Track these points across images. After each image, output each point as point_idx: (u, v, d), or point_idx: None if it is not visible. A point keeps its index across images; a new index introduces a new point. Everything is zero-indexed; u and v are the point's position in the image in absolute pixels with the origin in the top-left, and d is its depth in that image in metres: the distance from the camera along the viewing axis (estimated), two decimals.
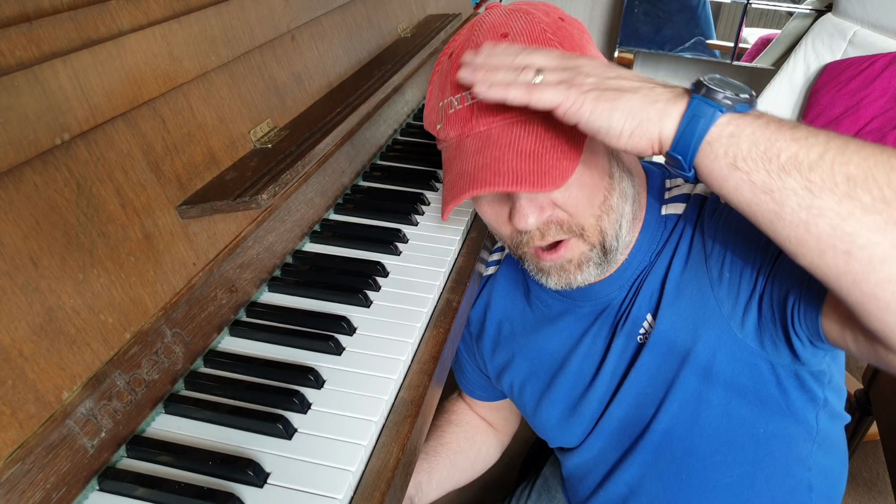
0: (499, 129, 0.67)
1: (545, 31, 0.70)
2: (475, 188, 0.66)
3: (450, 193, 0.70)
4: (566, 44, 0.70)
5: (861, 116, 1.69)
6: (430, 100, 0.76)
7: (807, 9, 1.98)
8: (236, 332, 0.79)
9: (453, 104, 0.69)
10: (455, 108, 0.69)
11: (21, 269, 0.56)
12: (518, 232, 0.74)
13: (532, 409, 0.92)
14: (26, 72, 0.57)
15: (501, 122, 0.67)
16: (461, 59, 0.67)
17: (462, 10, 1.70)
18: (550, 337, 0.88)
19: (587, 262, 0.74)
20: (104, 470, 0.62)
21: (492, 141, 0.67)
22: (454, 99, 0.69)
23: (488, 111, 0.67)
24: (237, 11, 0.86)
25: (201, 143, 0.79)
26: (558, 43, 0.69)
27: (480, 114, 0.68)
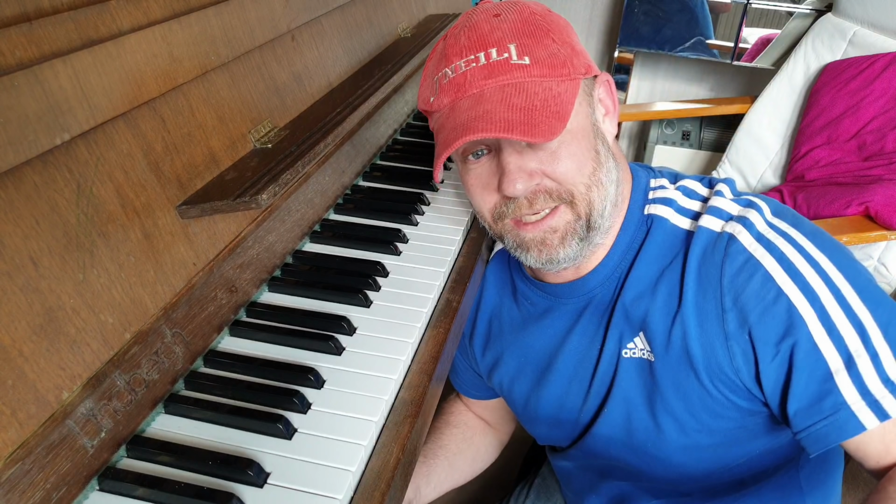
0: (491, 90, 0.70)
1: (534, 15, 0.73)
2: (467, 135, 0.67)
3: (442, 146, 0.72)
4: (554, 29, 0.73)
5: (861, 116, 1.69)
6: (423, 80, 0.78)
7: (807, 9, 1.97)
8: (236, 332, 0.79)
9: (447, 74, 0.72)
10: (449, 77, 0.72)
11: (21, 269, 0.56)
12: (504, 201, 0.74)
13: (521, 407, 0.92)
14: (26, 72, 0.57)
15: (494, 83, 0.70)
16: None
17: (462, 10, 1.70)
18: (536, 335, 0.88)
19: (571, 235, 0.74)
20: (104, 470, 0.62)
21: (484, 98, 0.70)
22: (448, 69, 0.72)
23: (481, 75, 0.70)
24: (237, 11, 0.86)
25: (201, 143, 0.79)
26: (547, 27, 0.72)
27: (473, 78, 0.70)
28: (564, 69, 0.71)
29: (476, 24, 0.72)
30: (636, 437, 0.81)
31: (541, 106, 0.68)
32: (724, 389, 0.72)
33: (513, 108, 0.68)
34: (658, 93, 2.50)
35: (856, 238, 1.44)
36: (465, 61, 0.71)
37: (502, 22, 0.72)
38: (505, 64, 0.70)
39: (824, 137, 1.75)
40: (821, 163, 1.74)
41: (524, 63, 0.69)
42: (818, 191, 1.66)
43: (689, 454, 0.79)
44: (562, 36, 0.73)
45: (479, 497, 1.39)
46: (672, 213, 0.78)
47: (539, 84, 0.70)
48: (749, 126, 1.98)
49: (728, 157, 2.02)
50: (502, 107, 0.68)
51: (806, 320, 0.66)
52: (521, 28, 0.71)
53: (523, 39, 0.70)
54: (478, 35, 0.71)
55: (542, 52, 0.70)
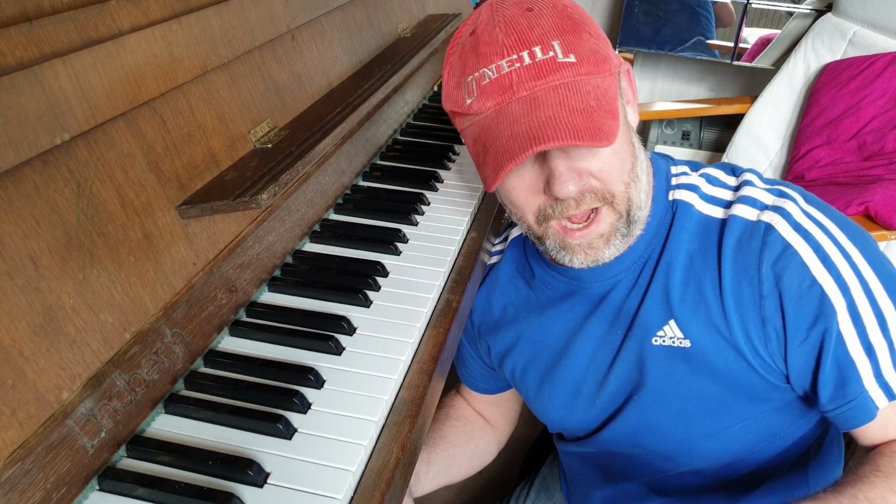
0: (544, 92, 0.68)
1: (567, 8, 0.70)
2: (537, 144, 0.66)
3: (505, 156, 0.69)
4: (587, 22, 0.71)
5: (861, 116, 1.69)
6: (449, 78, 0.75)
7: (807, 9, 1.97)
8: (236, 332, 0.79)
9: (487, 74, 0.69)
10: (490, 77, 0.69)
11: (21, 269, 0.56)
12: (551, 203, 0.73)
13: (534, 393, 0.92)
14: (26, 72, 0.57)
15: (545, 84, 0.68)
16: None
17: (462, 10, 1.70)
18: (555, 319, 0.88)
19: (615, 234, 0.75)
20: (104, 470, 0.62)
21: (540, 101, 0.67)
22: (487, 70, 0.69)
23: (529, 76, 0.68)
24: (237, 11, 0.86)
25: (201, 143, 0.79)
26: (581, 21, 0.70)
27: (521, 80, 0.68)
28: (606, 64, 0.70)
29: (511, 19, 0.69)
30: (663, 423, 0.81)
31: (596, 106, 0.67)
32: (763, 372, 0.75)
33: (574, 112, 0.66)
34: (658, 93, 2.51)
35: None
36: (507, 61, 0.68)
37: (539, 17, 0.69)
38: (552, 63, 0.67)
39: (824, 137, 1.75)
40: (821, 163, 1.74)
41: (571, 61, 0.67)
42: (818, 191, 1.66)
43: (714, 441, 0.80)
44: (595, 29, 0.72)
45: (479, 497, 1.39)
46: (697, 200, 0.79)
47: (588, 82, 0.69)
48: (749, 126, 1.98)
49: (728, 158, 2.02)
50: (564, 110, 0.67)
51: (836, 309, 0.70)
52: (560, 24, 0.69)
53: (565, 36, 0.68)
54: (517, 32, 0.68)
55: (584, 47, 0.69)
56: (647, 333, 0.79)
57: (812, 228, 0.73)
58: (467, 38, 0.72)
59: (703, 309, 0.75)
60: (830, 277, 0.70)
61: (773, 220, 0.73)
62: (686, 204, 0.79)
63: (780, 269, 0.71)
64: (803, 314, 0.70)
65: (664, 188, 0.80)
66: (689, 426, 0.80)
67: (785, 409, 0.79)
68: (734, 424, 0.79)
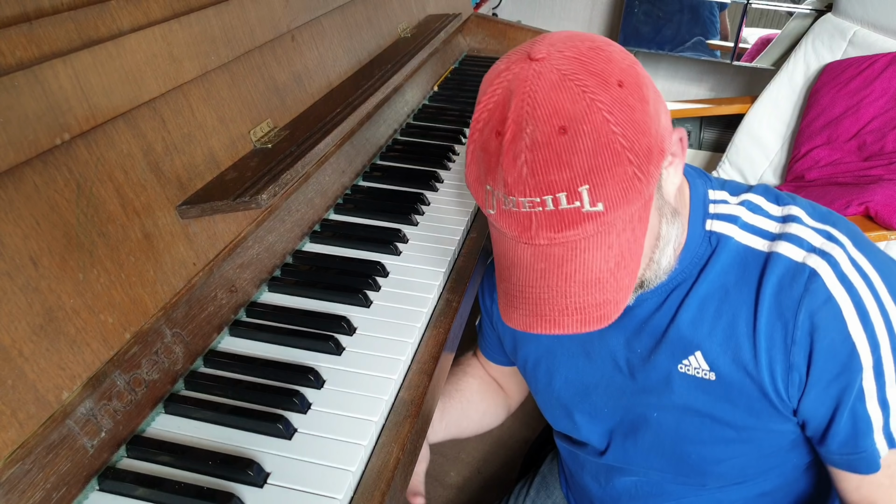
0: (562, 251, 0.62)
1: (607, 124, 0.58)
2: (539, 326, 0.64)
3: (507, 305, 0.66)
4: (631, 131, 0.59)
5: (861, 116, 1.69)
6: (472, 162, 0.66)
7: (807, 9, 1.97)
8: (236, 332, 0.79)
9: (505, 200, 0.62)
10: (508, 206, 0.62)
11: (21, 269, 0.56)
12: None
13: (543, 387, 0.91)
14: (26, 72, 0.57)
15: (564, 238, 0.62)
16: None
17: (462, 10, 1.70)
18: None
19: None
20: (104, 470, 0.62)
21: (553, 263, 0.63)
22: (507, 197, 0.62)
23: (548, 225, 0.61)
24: (237, 11, 0.86)
25: (201, 143, 0.79)
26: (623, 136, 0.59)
27: (540, 226, 0.61)
28: (641, 195, 0.61)
29: (539, 145, 0.59)
30: (675, 445, 0.81)
31: (615, 264, 0.62)
32: (782, 410, 0.74)
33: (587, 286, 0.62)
34: None
35: None
36: (528, 201, 0.60)
37: (573, 148, 0.58)
38: (576, 214, 0.60)
39: (824, 137, 1.75)
40: (821, 163, 1.74)
41: (598, 210, 0.60)
42: (818, 191, 1.66)
43: (724, 466, 0.80)
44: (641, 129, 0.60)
45: (480, 497, 1.39)
46: (737, 231, 0.75)
47: (613, 230, 0.62)
48: (749, 126, 1.98)
49: (728, 157, 2.02)
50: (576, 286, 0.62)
51: (863, 367, 0.69)
52: (595, 159, 0.59)
53: (596, 177, 0.59)
54: (542, 172, 0.59)
55: (616, 188, 0.60)
56: (672, 358, 0.77)
57: (857, 281, 0.70)
58: (493, 136, 0.62)
59: (734, 345, 0.73)
60: (864, 335, 0.69)
61: (818, 267, 0.70)
62: (726, 237, 0.74)
63: (819, 321, 0.69)
64: (830, 366, 0.69)
65: (700, 216, 0.75)
66: (700, 451, 0.80)
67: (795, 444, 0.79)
68: (748, 454, 0.79)
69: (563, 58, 0.60)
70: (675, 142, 0.67)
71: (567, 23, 2.54)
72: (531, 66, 0.60)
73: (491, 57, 1.77)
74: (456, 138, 1.29)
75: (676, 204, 0.71)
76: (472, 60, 1.72)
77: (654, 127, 0.61)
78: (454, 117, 1.37)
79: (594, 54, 0.61)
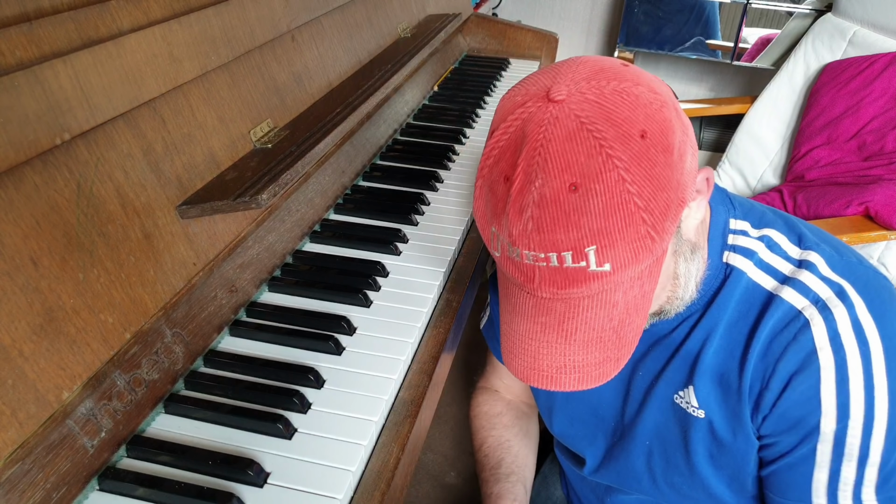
0: (563, 307, 0.60)
1: (629, 193, 0.55)
2: (536, 381, 0.63)
3: (508, 350, 0.65)
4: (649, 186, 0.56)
5: (861, 116, 1.69)
6: (479, 198, 0.64)
7: (807, 9, 1.97)
8: (236, 332, 0.79)
9: (510, 248, 0.60)
10: (514, 257, 0.60)
11: (21, 269, 0.56)
12: None
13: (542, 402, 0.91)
14: (26, 72, 0.57)
15: (567, 295, 0.59)
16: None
17: (462, 10, 1.70)
18: None
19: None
20: (104, 470, 0.62)
21: (554, 318, 0.61)
22: (511, 248, 0.59)
23: (550, 280, 0.59)
24: (237, 11, 0.86)
25: (201, 143, 0.79)
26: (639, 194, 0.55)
27: (543, 280, 0.59)
28: (653, 252, 0.58)
29: (548, 201, 0.56)
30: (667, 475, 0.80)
31: (619, 321, 0.60)
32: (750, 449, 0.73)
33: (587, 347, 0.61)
34: None
35: (856, 238, 1.44)
36: (532, 255, 0.58)
37: (582, 208, 0.55)
38: (581, 273, 0.57)
39: (824, 137, 1.75)
40: (821, 163, 1.74)
41: (604, 271, 0.57)
42: (818, 191, 1.66)
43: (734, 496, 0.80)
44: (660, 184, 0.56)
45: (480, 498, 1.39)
46: (751, 268, 0.72)
47: (617, 287, 0.59)
48: (749, 126, 1.98)
49: (728, 157, 2.02)
50: (575, 346, 0.61)
51: (822, 438, 0.67)
52: (605, 220, 0.56)
53: (606, 239, 0.56)
54: (549, 230, 0.56)
55: (626, 247, 0.57)
56: (671, 386, 0.76)
57: (850, 346, 0.66)
58: (501, 179, 0.60)
59: (724, 386, 0.72)
60: (835, 402, 0.66)
61: (813, 320, 0.67)
62: (739, 271, 0.72)
63: (795, 374, 0.67)
64: (791, 422, 0.68)
65: (719, 247, 0.72)
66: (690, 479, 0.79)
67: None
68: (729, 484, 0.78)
69: (583, 101, 0.56)
70: (701, 182, 0.63)
71: (567, 23, 2.54)
72: (549, 108, 0.56)
73: (491, 57, 1.77)
74: (456, 138, 1.29)
75: (697, 238, 0.68)
76: (472, 60, 1.72)
77: (675, 178, 0.58)
78: (454, 117, 1.37)
79: (618, 99, 0.56)
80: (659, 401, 0.77)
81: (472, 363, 1.57)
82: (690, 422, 0.75)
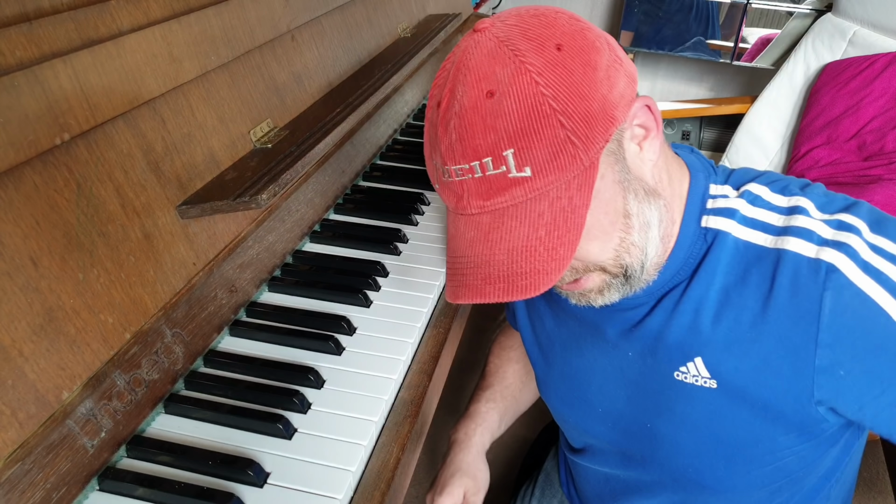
0: (490, 218, 0.61)
1: (542, 96, 0.57)
2: (463, 296, 0.62)
3: (449, 279, 0.65)
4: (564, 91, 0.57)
5: (861, 116, 1.69)
6: (426, 138, 0.67)
7: (807, 9, 1.97)
8: (236, 332, 0.79)
9: (443, 172, 0.62)
10: (446, 179, 0.62)
11: (21, 269, 0.56)
12: None
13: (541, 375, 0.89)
14: (26, 72, 0.57)
15: (492, 206, 0.60)
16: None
17: (462, 10, 1.70)
18: (546, 316, 0.84)
19: (608, 288, 0.68)
20: (104, 470, 0.62)
21: (481, 231, 0.61)
22: (442, 168, 0.62)
23: (477, 193, 0.60)
24: (237, 11, 0.86)
25: (201, 143, 0.79)
26: (555, 98, 0.57)
27: (470, 195, 0.60)
28: (576, 161, 0.58)
29: (467, 110, 0.58)
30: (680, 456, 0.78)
31: (546, 233, 0.60)
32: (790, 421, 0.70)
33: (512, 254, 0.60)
34: (658, 93, 2.50)
35: None
36: (458, 169, 0.60)
37: (497, 111, 0.58)
38: (502, 179, 0.59)
39: (824, 137, 1.75)
40: (821, 163, 1.74)
41: (525, 176, 0.58)
42: None
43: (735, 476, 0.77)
44: (578, 92, 0.58)
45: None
46: (734, 226, 0.70)
47: (542, 200, 0.60)
48: (749, 126, 1.98)
49: (728, 157, 2.02)
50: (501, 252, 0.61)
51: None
52: (521, 122, 0.57)
53: (522, 141, 0.57)
54: (469, 137, 0.59)
55: (544, 150, 0.57)
56: (668, 365, 0.74)
57: (882, 264, 0.64)
58: (434, 107, 0.63)
59: (739, 350, 0.69)
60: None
61: (835, 260, 0.64)
62: (723, 234, 0.70)
63: (849, 319, 0.64)
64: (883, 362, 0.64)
65: (697, 212, 0.71)
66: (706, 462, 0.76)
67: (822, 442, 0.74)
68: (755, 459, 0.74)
69: (503, 26, 0.60)
70: (640, 112, 0.63)
71: None
72: (472, 36, 0.61)
73: None
74: None
75: (655, 185, 0.67)
76: None
77: (599, 91, 0.59)
78: None
79: (535, 20, 0.60)
80: (657, 381, 0.75)
81: (473, 363, 1.57)
82: (699, 394, 0.72)
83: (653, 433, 0.78)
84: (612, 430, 0.83)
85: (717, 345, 0.70)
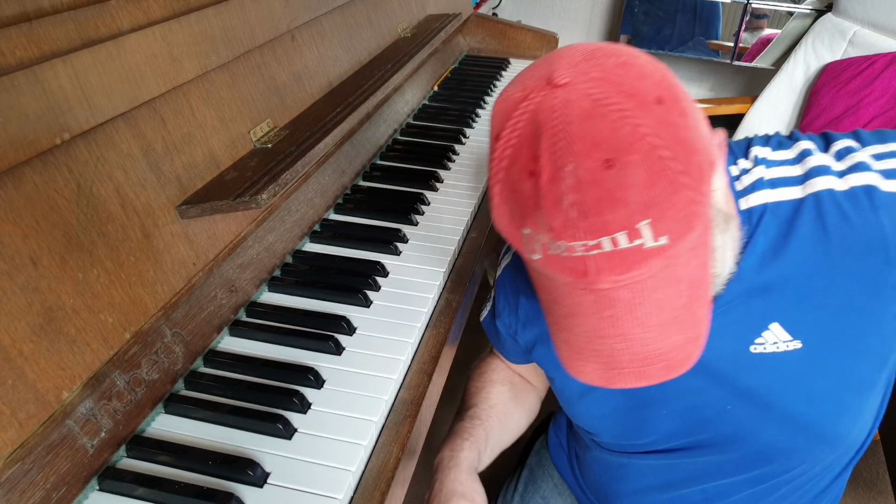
0: (629, 293, 0.56)
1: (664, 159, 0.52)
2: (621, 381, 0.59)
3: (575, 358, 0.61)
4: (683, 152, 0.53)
5: (861, 116, 1.69)
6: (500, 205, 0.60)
7: (807, 9, 1.97)
8: (236, 332, 0.79)
9: (552, 246, 0.56)
10: (559, 253, 0.56)
11: (21, 269, 0.56)
12: None
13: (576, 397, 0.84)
14: (26, 72, 0.57)
15: (628, 280, 0.55)
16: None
17: (462, 10, 1.70)
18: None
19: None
20: (104, 470, 0.62)
21: (622, 309, 0.57)
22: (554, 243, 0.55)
23: (608, 268, 0.54)
24: (237, 11, 0.86)
25: (201, 142, 0.79)
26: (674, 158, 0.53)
27: (599, 270, 0.55)
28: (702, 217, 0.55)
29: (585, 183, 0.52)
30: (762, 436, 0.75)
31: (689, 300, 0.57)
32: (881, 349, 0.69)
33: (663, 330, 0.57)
34: None
35: None
36: (582, 245, 0.54)
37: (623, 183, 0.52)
38: (637, 252, 0.54)
39: None
40: None
41: (663, 245, 0.54)
42: None
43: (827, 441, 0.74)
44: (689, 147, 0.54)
45: None
46: (767, 194, 0.69)
47: (677, 263, 0.56)
48: (749, 126, 1.98)
49: None
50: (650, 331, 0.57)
51: None
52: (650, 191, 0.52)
53: (656, 210, 0.53)
54: (595, 213, 0.53)
55: (678, 214, 0.53)
56: (740, 341, 0.71)
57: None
58: (524, 177, 0.56)
59: (815, 302, 0.67)
60: None
61: (865, 181, 0.64)
62: (758, 207, 0.69)
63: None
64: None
65: (735, 202, 0.70)
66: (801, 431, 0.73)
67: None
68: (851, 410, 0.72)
69: (590, 80, 0.54)
70: (717, 146, 0.61)
71: (567, 22, 2.54)
72: (556, 94, 0.54)
73: (491, 57, 1.77)
74: (456, 138, 1.29)
75: (727, 207, 0.66)
76: (472, 60, 1.72)
77: (700, 141, 0.56)
78: (454, 117, 1.37)
79: (624, 71, 0.54)
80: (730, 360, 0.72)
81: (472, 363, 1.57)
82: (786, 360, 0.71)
83: (734, 414, 0.75)
84: (681, 427, 0.80)
85: (790, 304, 0.68)
